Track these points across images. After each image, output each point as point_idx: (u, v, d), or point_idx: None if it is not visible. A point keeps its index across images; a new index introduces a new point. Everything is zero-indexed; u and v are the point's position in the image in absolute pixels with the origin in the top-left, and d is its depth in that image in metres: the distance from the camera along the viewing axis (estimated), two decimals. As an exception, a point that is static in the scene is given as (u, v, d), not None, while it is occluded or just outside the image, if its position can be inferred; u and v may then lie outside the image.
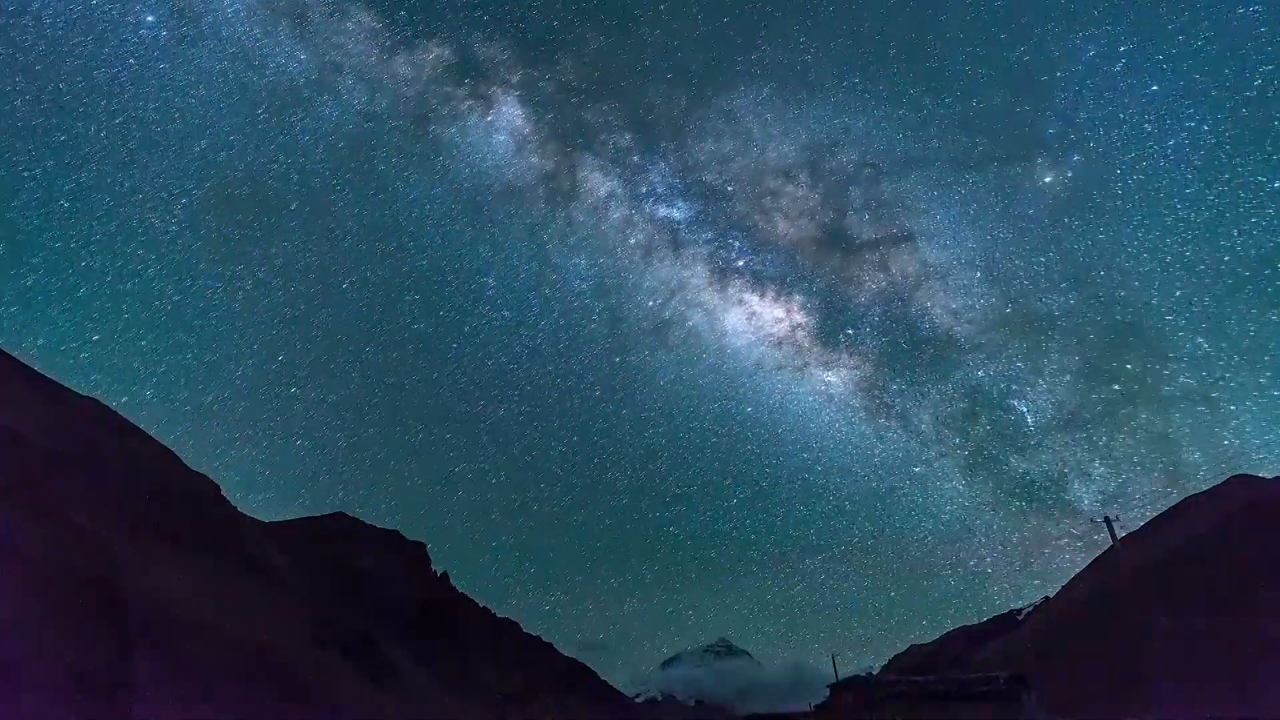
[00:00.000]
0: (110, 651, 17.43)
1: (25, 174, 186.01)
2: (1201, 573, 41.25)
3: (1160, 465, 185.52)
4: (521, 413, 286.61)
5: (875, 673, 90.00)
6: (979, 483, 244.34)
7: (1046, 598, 79.47)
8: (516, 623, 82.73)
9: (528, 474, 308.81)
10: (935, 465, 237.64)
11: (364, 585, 55.64)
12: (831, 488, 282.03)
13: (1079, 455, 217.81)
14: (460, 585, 75.92)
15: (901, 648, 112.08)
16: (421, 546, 72.35)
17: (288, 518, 66.53)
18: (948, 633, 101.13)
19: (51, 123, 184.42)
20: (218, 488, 42.42)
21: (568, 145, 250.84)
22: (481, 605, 77.80)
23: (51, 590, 16.72)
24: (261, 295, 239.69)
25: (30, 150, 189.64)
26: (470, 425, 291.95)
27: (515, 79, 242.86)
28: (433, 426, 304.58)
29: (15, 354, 37.80)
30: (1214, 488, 58.72)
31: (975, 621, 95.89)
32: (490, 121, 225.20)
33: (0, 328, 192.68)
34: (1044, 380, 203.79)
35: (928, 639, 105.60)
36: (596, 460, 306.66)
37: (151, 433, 41.53)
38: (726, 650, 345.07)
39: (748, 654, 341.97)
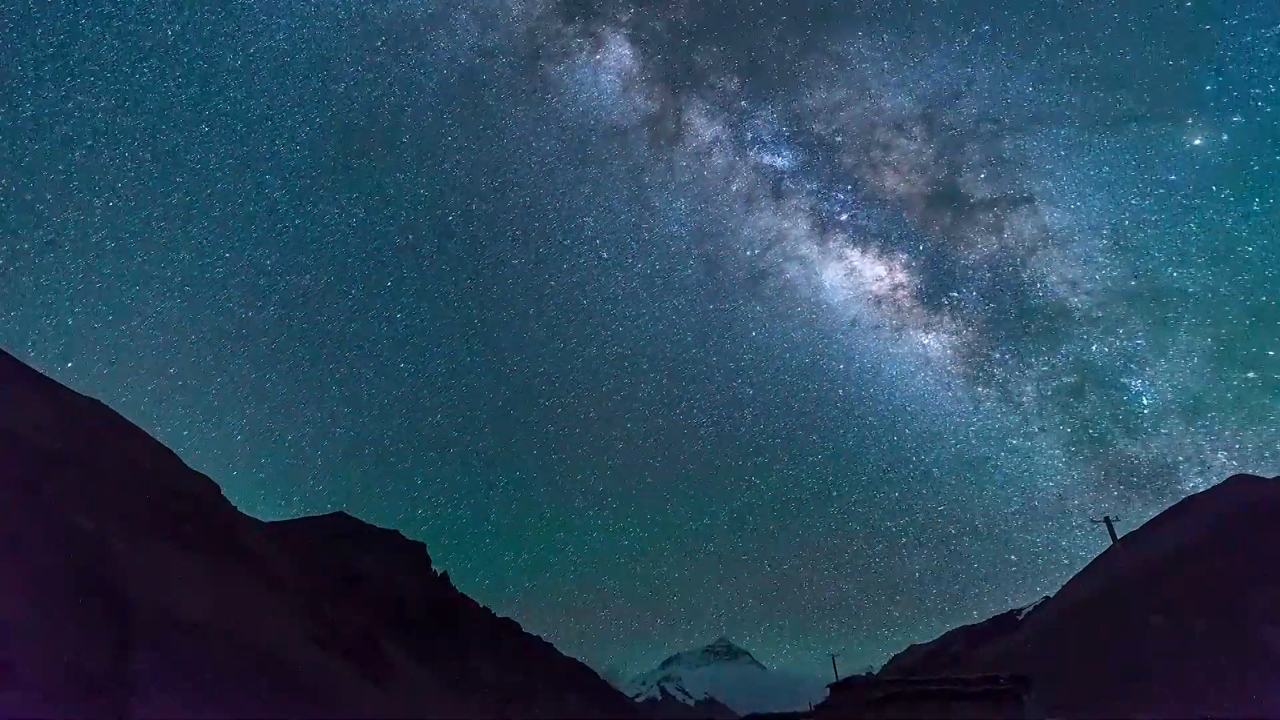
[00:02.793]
0: (110, 651, 17.43)
1: (173, 99, 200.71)
2: (1201, 573, 41.25)
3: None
4: (613, 353, 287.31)
5: (875, 673, 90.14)
6: (1080, 462, 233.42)
7: (1046, 597, 79.49)
8: (516, 623, 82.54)
9: (615, 414, 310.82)
10: (1034, 440, 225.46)
11: (364, 585, 55.60)
12: (921, 452, 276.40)
13: (1199, 443, 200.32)
14: (460, 585, 75.97)
15: (901, 648, 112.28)
16: (421, 546, 72.39)
17: (288, 517, 66.65)
18: (948, 633, 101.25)
19: (196, 50, 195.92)
20: (218, 488, 42.39)
21: (675, 87, 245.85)
22: (482, 605, 77.79)
23: (51, 590, 16.72)
24: (375, 222, 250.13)
25: (179, 76, 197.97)
26: (562, 361, 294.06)
27: (625, 18, 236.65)
28: (526, 361, 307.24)
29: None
30: (1214, 488, 58.82)
31: (975, 621, 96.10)
32: (599, 61, 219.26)
33: (149, 242, 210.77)
34: (1166, 361, 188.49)
35: (928, 639, 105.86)
36: (684, 404, 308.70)
37: (152, 432, 41.59)
38: (726, 650, 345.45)
39: (748, 654, 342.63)
